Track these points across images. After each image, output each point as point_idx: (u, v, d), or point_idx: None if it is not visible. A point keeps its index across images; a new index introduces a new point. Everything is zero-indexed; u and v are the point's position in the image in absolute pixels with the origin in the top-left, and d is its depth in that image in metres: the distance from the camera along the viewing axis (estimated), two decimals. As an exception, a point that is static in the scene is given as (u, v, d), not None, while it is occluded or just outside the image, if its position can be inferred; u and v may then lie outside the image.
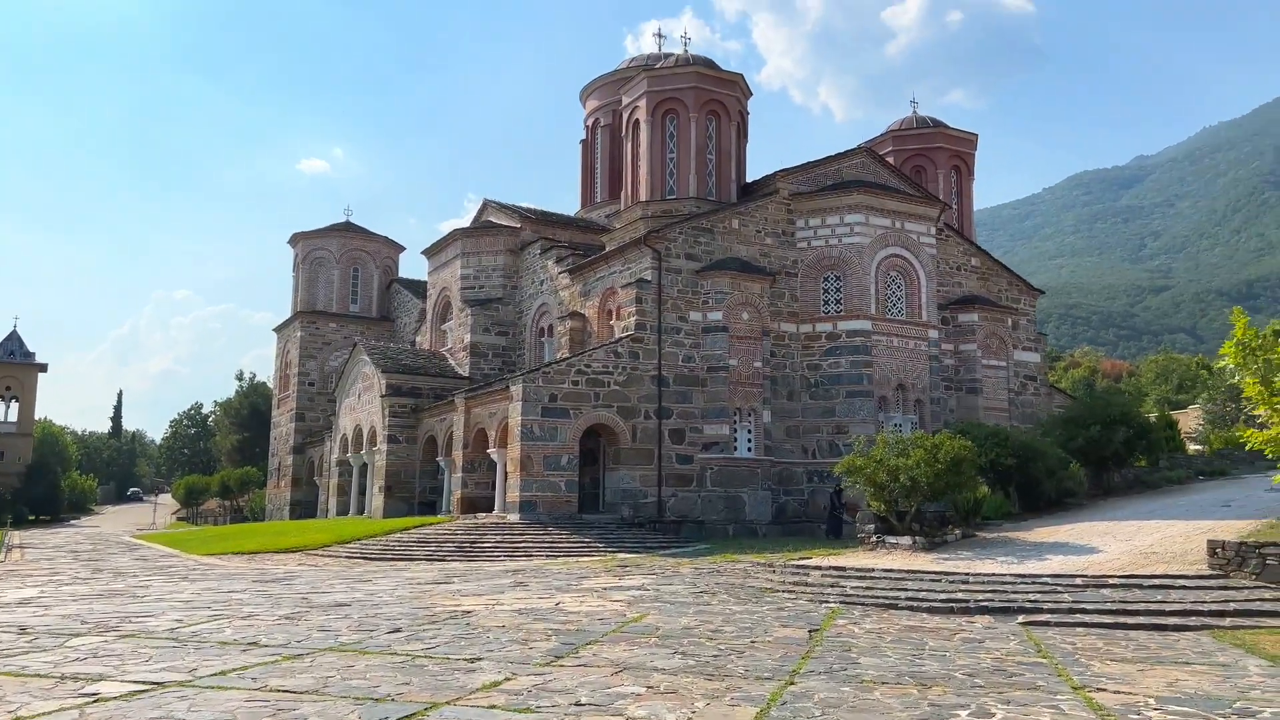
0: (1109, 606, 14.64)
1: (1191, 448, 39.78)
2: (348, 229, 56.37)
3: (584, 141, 48.00)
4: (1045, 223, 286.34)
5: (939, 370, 34.66)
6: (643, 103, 35.21)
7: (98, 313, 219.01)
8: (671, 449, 31.28)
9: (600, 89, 46.71)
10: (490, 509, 32.62)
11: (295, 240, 55.90)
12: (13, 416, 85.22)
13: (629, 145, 36.49)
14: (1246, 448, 17.79)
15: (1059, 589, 16.01)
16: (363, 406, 40.83)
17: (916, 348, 34.05)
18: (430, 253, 44.88)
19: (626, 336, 31.27)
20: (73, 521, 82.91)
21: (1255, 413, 18.19)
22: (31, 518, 79.81)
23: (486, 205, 44.91)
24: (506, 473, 30.62)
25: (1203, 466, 32.17)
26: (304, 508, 51.93)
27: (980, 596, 15.88)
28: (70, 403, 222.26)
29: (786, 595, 17.37)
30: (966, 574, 17.57)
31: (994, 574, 17.41)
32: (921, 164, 40.18)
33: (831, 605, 16.11)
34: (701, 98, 34.90)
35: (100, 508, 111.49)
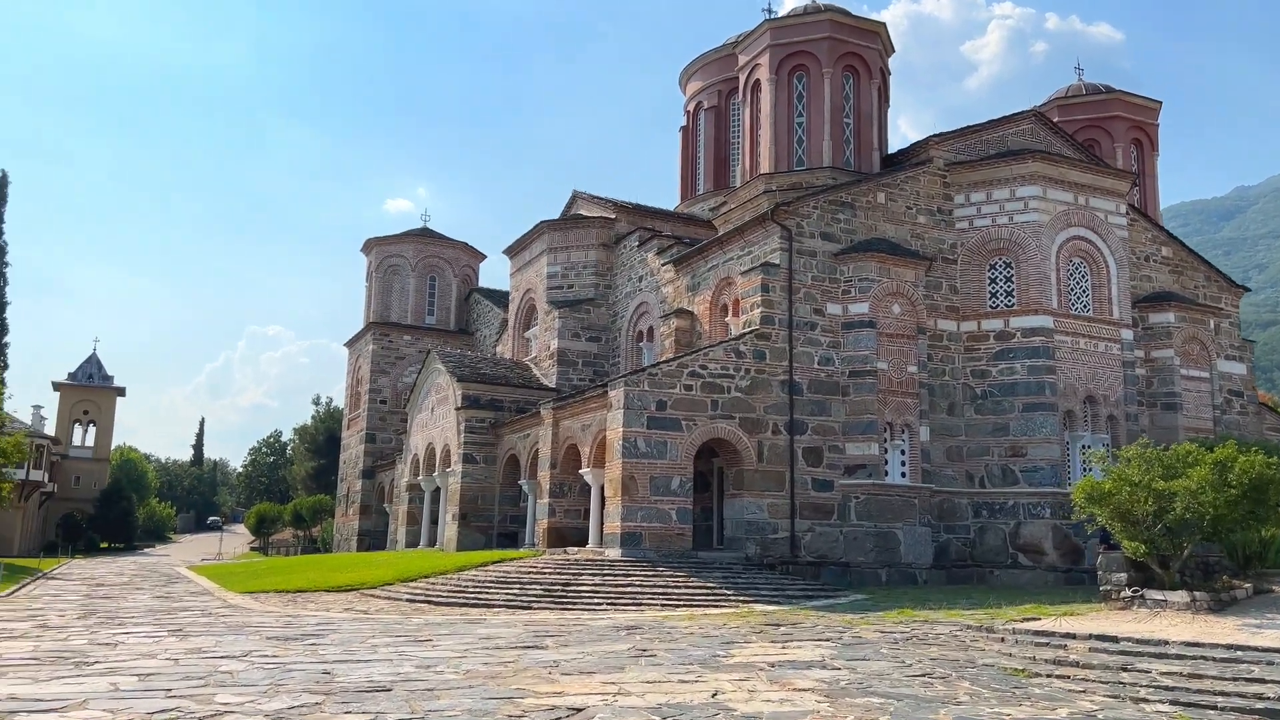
0: None
1: None
2: (424, 235, 51.88)
3: (684, 128, 42.57)
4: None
5: (1133, 380, 28.01)
6: (765, 59, 29.58)
7: (194, 347, 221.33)
8: (806, 472, 25.23)
9: (704, 68, 41.27)
10: (582, 541, 26.99)
11: (369, 247, 51.58)
12: (90, 441, 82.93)
13: (746, 112, 30.85)
14: None
15: None
16: (436, 422, 35.70)
17: (1108, 351, 27.49)
18: (513, 251, 39.80)
19: (750, 332, 25.45)
20: (146, 550, 79.91)
21: None
22: (104, 545, 77.09)
23: (576, 198, 39.73)
24: (604, 498, 24.95)
25: None
26: (373, 538, 47.10)
27: None
28: (165, 434, 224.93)
29: (1060, 683, 11.24)
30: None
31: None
32: (1094, 136, 33.61)
33: (1161, 709, 9.93)
34: (836, 50, 29.10)
35: (178, 536, 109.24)
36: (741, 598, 19.98)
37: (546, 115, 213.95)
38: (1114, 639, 13.26)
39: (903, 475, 25.84)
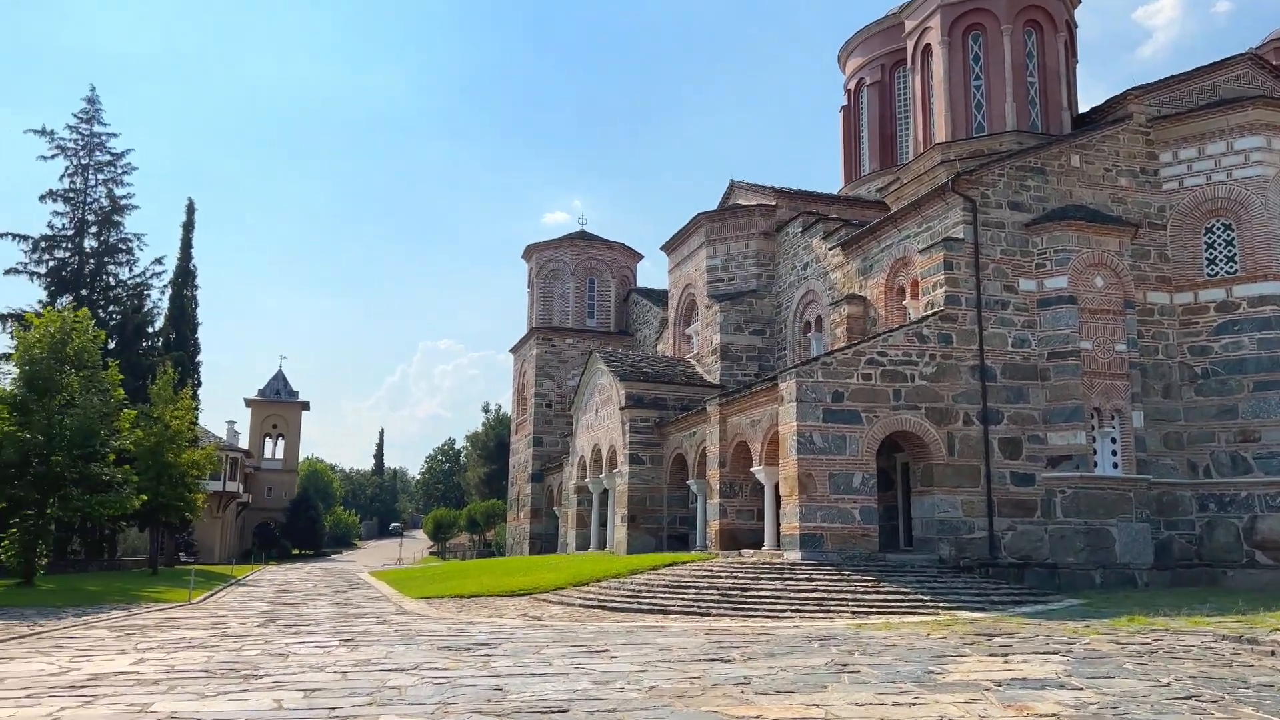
0: None
1: None
2: (582, 238, 51.84)
3: (845, 107, 40.61)
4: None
5: (1386, 351, 24.31)
6: (935, 20, 27.47)
7: (372, 362, 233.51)
8: (1004, 465, 23.03)
9: (865, 42, 39.23)
10: (756, 543, 25.64)
11: (529, 253, 51.98)
12: (279, 454, 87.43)
13: (917, 79, 28.77)
14: None
15: None
16: (601, 423, 35.13)
17: (1355, 318, 23.95)
18: (670, 246, 38.86)
19: (933, 314, 23.46)
20: (333, 556, 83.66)
21: None
22: (295, 551, 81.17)
23: (733, 187, 38.42)
24: (779, 497, 23.52)
25: None
26: (544, 541, 47.25)
27: None
28: (348, 445, 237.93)
29: (1376, 714, 9.11)
30: None
31: None
32: (1321, 78, 29.62)
33: None
34: (1016, 4, 26.63)
35: (363, 542, 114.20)
36: (940, 604, 18.16)
37: (696, 115, 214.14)
38: None
39: (1114, 466, 23.23)
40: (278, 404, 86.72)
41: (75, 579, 30.28)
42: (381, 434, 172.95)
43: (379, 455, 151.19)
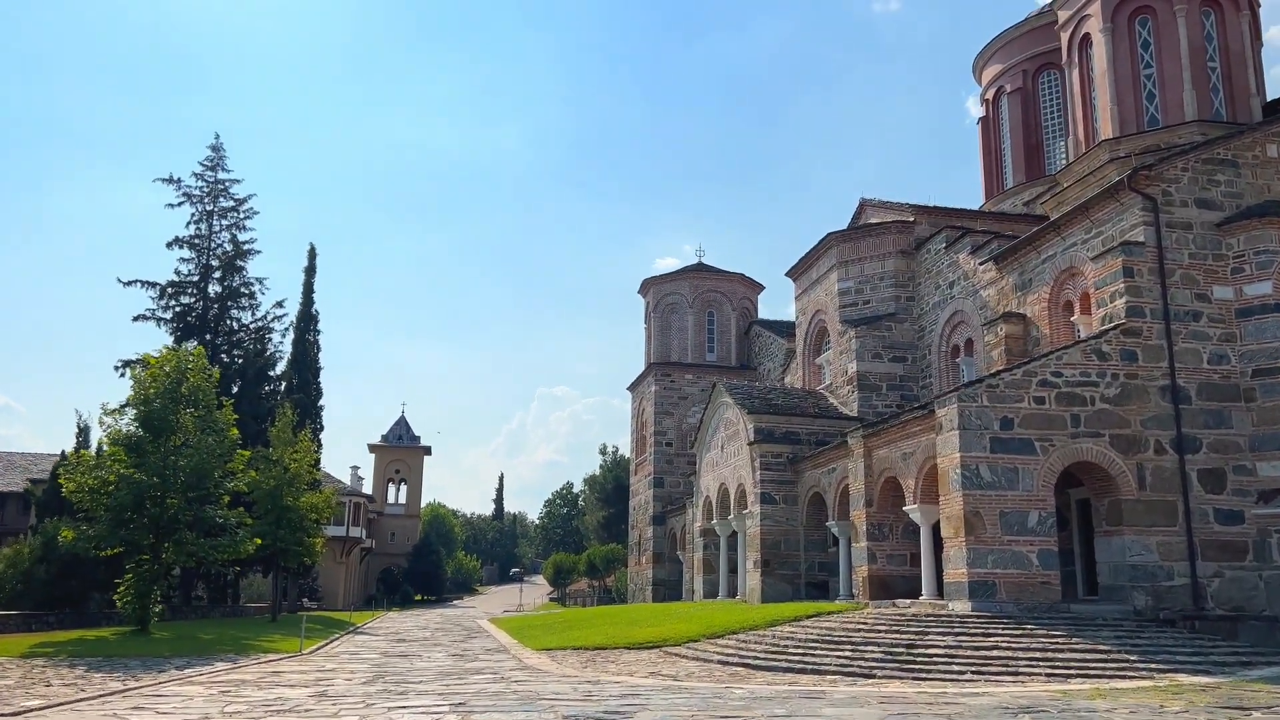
0: None
1: None
2: (700, 270, 50.08)
3: (983, 119, 37.81)
4: None
5: None
6: (1096, 7, 24.74)
7: (491, 410, 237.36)
8: (1205, 501, 19.83)
9: (1004, 48, 36.49)
10: (911, 592, 22.91)
11: (645, 287, 50.47)
12: (402, 499, 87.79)
13: (1075, 74, 25.99)
14: None
15: None
16: (727, 460, 32.87)
17: None
18: (797, 271, 36.58)
19: (1113, 328, 20.54)
20: (454, 602, 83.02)
21: None
22: (419, 597, 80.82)
23: (864, 206, 35.97)
24: (939, 539, 20.82)
25: None
26: (668, 588, 45.00)
27: None
28: (469, 492, 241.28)
29: None
30: None
31: None
32: None
33: None
34: (1192, -19, 23.80)
35: (484, 588, 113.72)
36: (1153, 665, 15.20)
37: (812, 149, 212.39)
38: None
39: (1343, 500, 19.71)
40: (400, 449, 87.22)
41: (192, 626, 29.58)
42: (501, 479, 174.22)
43: (499, 500, 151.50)
